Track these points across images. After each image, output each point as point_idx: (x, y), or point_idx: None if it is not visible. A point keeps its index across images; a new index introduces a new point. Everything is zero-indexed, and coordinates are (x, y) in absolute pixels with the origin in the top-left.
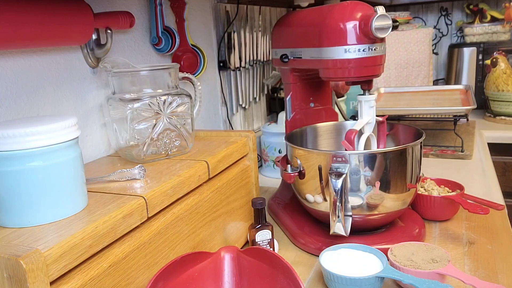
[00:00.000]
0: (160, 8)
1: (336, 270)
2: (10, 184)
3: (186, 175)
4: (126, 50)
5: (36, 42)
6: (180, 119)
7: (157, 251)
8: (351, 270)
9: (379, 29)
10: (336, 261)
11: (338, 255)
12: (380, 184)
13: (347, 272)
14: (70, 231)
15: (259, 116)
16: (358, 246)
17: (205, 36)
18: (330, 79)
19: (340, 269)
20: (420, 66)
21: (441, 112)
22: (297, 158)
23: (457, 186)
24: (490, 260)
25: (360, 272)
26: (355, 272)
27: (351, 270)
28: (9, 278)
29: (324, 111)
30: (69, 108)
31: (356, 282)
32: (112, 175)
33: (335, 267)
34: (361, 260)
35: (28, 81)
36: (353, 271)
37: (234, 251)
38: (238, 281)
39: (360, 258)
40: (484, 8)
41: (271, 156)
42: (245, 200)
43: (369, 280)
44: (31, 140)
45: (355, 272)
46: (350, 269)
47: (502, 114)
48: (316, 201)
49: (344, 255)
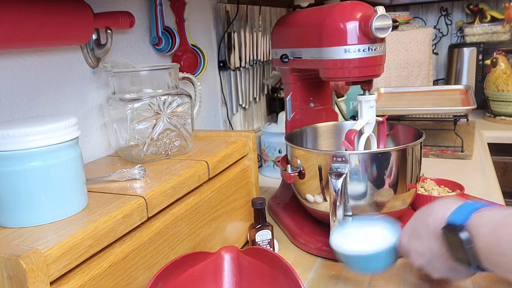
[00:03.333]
0: (160, 8)
1: (350, 248)
2: (10, 184)
3: (186, 175)
4: (126, 50)
5: (36, 42)
6: (180, 119)
7: (157, 251)
8: (365, 245)
9: (379, 29)
10: (347, 239)
11: (348, 232)
12: (380, 184)
13: (362, 248)
14: (70, 231)
15: (259, 116)
16: (365, 218)
17: (205, 36)
18: (330, 79)
19: (354, 246)
20: (420, 66)
21: (441, 112)
22: (297, 158)
23: (457, 186)
24: None
25: (375, 245)
26: (370, 246)
27: (366, 245)
28: (9, 278)
29: (324, 111)
30: (69, 108)
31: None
32: (112, 175)
33: (349, 246)
34: (373, 233)
35: (28, 81)
36: (367, 245)
37: (234, 251)
38: (238, 281)
39: (371, 230)
40: (484, 8)
41: (271, 156)
42: (245, 200)
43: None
44: (31, 140)
45: (370, 246)
46: (365, 244)
47: (502, 114)
48: (316, 201)
49: (354, 230)
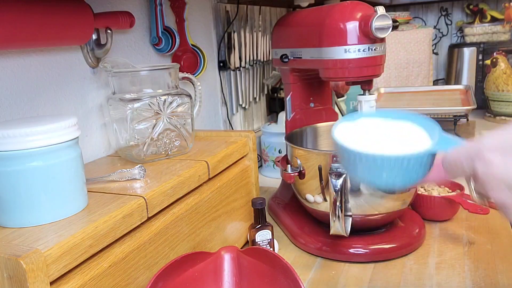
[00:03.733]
0: (160, 8)
1: (362, 147)
2: (10, 184)
3: (186, 175)
4: (126, 50)
5: (36, 42)
6: (180, 119)
7: (157, 251)
8: (383, 145)
9: (379, 29)
10: (357, 136)
11: (358, 128)
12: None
13: (379, 148)
14: (70, 231)
15: (259, 116)
16: (386, 113)
17: (205, 36)
18: (330, 79)
19: (367, 145)
20: (420, 66)
21: (441, 112)
22: (297, 158)
23: (457, 186)
24: (490, 260)
25: (400, 148)
26: (392, 148)
27: (384, 145)
28: (9, 278)
29: (324, 111)
30: (69, 108)
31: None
32: (112, 175)
33: (359, 143)
34: (394, 132)
35: (28, 81)
36: (387, 147)
37: (234, 251)
38: (238, 281)
39: (392, 129)
40: (484, 8)
41: (271, 156)
42: (245, 200)
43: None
44: (31, 140)
45: (392, 148)
46: (382, 145)
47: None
48: (316, 201)
49: (367, 126)
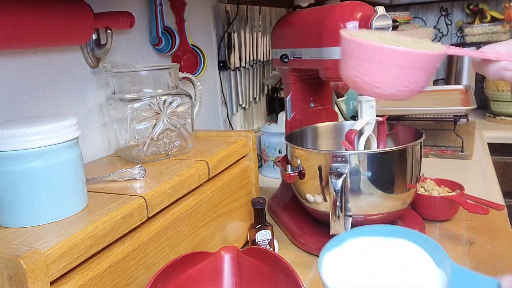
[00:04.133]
0: (160, 8)
1: None
2: (10, 184)
3: (186, 175)
4: (126, 50)
5: (36, 42)
6: (180, 119)
7: (157, 251)
8: None
9: (379, 29)
10: (344, 268)
11: (346, 255)
12: (380, 184)
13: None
14: (70, 231)
15: (259, 116)
16: (378, 228)
17: (205, 36)
18: (330, 79)
19: None
20: None
21: (441, 112)
22: (297, 158)
23: (457, 186)
24: (490, 260)
25: None
26: None
27: None
28: (9, 278)
29: (324, 111)
30: (69, 108)
31: None
32: (112, 175)
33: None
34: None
35: (28, 81)
36: None
37: (234, 251)
38: (238, 281)
39: (387, 253)
40: (484, 8)
41: (271, 156)
42: (245, 200)
43: None
44: (31, 140)
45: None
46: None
47: (502, 114)
48: (316, 201)
49: (356, 251)
